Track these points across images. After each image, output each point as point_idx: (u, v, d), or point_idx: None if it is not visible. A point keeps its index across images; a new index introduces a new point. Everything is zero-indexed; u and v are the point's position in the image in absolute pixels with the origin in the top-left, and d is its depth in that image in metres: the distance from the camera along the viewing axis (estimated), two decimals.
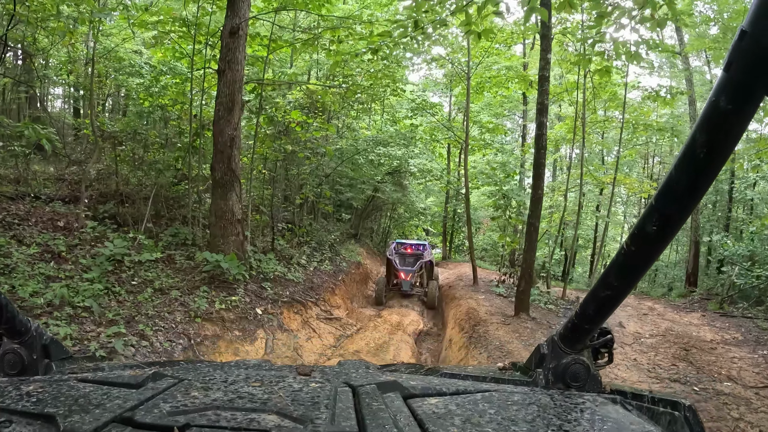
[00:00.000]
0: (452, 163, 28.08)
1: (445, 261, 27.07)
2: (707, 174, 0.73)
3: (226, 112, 10.06)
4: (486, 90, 20.23)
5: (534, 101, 13.73)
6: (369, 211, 24.29)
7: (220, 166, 10.08)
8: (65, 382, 1.15)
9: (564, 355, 1.20)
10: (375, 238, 27.84)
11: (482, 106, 24.51)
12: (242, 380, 1.15)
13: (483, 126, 23.00)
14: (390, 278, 17.07)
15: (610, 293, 0.99)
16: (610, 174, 17.98)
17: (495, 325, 10.36)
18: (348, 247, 19.32)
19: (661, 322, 12.51)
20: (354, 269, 16.95)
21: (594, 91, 17.25)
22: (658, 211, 0.79)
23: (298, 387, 1.10)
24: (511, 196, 15.76)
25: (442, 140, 22.96)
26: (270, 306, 9.45)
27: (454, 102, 26.42)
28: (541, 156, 10.45)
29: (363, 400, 1.01)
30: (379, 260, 23.92)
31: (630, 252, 0.87)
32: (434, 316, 16.17)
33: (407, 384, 1.13)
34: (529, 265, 10.76)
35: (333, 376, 1.25)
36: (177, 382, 1.14)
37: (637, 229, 0.85)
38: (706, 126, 0.68)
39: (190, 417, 0.90)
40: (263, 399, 1.01)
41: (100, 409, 0.94)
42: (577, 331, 1.15)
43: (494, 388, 1.16)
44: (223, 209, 10.09)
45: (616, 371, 8.78)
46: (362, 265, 18.67)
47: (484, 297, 13.79)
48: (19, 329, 1.28)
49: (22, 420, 0.94)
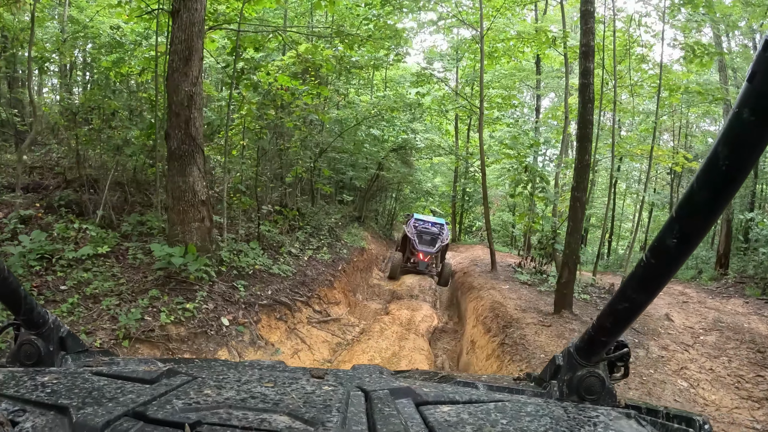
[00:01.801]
0: (461, 141, 25.26)
1: (455, 244, 24.37)
2: (729, 188, 0.67)
3: (181, 63, 7.65)
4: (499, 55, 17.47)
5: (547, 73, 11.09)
6: (373, 191, 21.74)
7: (176, 133, 7.64)
8: (80, 375, 1.11)
9: (579, 367, 1.10)
10: (380, 220, 25.22)
11: (492, 77, 21.72)
12: (255, 380, 1.10)
13: (492, 100, 20.28)
14: (405, 254, 16.11)
15: (628, 306, 0.90)
16: (646, 144, 15.33)
17: (532, 326, 7.83)
18: (351, 231, 16.78)
19: (705, 311, 10.60)
20: (357, 256, 14.40)
21: (627, 48, 14.58)
22: (679, 224, 0.74)
23: (311, 389, 1.04)
24: (534, 169, 13.09)
25: (450, 110, 20.12)
26: (243, 313, 6.96)
27: (461, 75, 23.52)
28: (588, 111, 7.88)
29: (375, 405, 0.95)
30: (385, 244, 21.36)
31: (649, 264, 0.80)
32: (449, 306, 13.74)
33: (420, 391, 1.08)
34: (573, 250, 8.21)
35: (346, 379, 1.21)
36: (191, 379, 1.09)
37: (657, 242, 0.78)
38: (729, 139, 0.63)
39: (202, 414, 0.85)
40: (275, 400, 0.96)
41: (113, 403, 0.90)
42: (594, 344, 1.06)
43: (508, 398, 1.09)
44: (182, 188, 7.63)
45: (701, 391, 6.56)
46: (366, 250, 16.10)
47: (509, 287, 11.25)
48: (37, 321, 1.24)
49: (36, 410, 0.91)
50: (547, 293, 10.79)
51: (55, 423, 0.88)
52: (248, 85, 10.16)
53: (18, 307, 1.18)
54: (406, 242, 16.13)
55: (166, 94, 8.02)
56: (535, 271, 13.10)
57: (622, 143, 15.31)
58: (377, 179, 20.82)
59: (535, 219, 13.71)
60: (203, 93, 8.06)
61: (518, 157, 12.96)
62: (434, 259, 16.07)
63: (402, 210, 25.95)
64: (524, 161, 13.02)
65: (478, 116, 14.95)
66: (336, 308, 10.11)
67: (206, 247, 7.80)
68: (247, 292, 7.55)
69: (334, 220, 15.30)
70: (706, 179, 0.68)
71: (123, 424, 0.82)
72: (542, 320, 8.10)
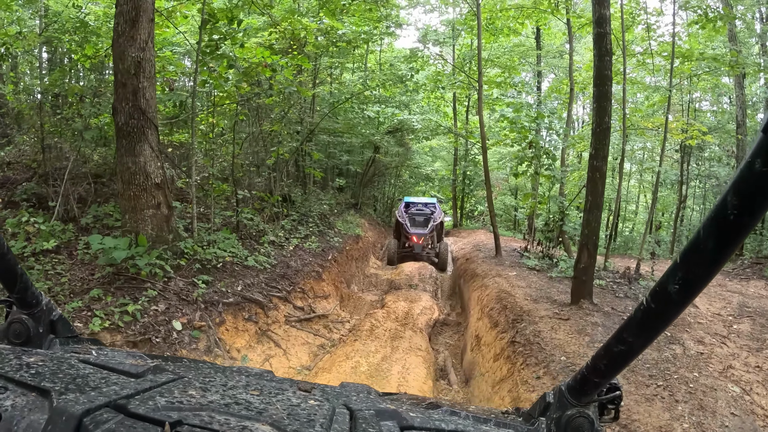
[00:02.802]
0: (459, 123, 23.80)
1: (457, 229, 23.02)
2: (736, 238, 0.63)
3: (127, 26, 6.47)
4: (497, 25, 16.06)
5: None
6: (370, 176, 20.40)
7: (124, 106, 6.40)
8: (66, 360, 1.06)
9: (569, 406, 1.02)
10: (379, 207, 23.86)
11: (491, 54, 20.25)
12: (242, 386, 1.04)
13: (491, 80, 18.87)
14: (400, 240, 15.50)
15: (624, 349, 0.84)
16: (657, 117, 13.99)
17: (547, 320, 6.56)
18: (346, 218, 15.52)
19: (728, 295, 9.56)
20: (351, 244, 13.10)
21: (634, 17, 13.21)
22: (683, 271, 0.69)
23: (296, 402, 0.99)
24: (538, 144, 11.69)
25: (447, 88, 18.65)
26: (201, 315, 5.66)
27: (458, 54, 22.00)
28: (606, 65, 6.58)
29: (359, 425, 0.91)
30: (384, 232, 20.04)
31: (649, 309, 0.76)
32: (451, 296, 12.46)
33: (406, 415, 1.01)
34: (593, 230, 6.92)
35: (333, 396, 1.16)
36: (176, 378, 1.03)
37: (658, 286, 0.72)
38: (740, 188, 0.60)
39: (184, 414, 0.81)
40: (259, 408, 0.91)
41: (96, 392, 0.86)
42: (586, 384, 0.98)
43: (494, 431, 1.07)
44: (132, 170, 6.40)
45: (756, 398, 5.58)
46: (362, 238, 14.82)
47: (516, 273, 9.96)
48: (30, 301, 1.21)
49: (18, 389, 0.88)
50: (558, 280, 9.53)
51: (35, 405, 0.85)
52: (218, 56, 8.81)
53: (13, 285, 1.15)
54: (400, 227, 15.44)
55: (112, 63, 6.75)
56: (542, 256, 11.79)
57: (630, 117, 13.92)
58: (373, 163, 19.51)
59: (541, 199, 12.36)
60: (154, 59, 6.72)
61: (522, 131, 11.57)
62: (430, 240, 15.35)
63: (402, 195, 24.54)
64: (528, 136, 11.64)
65: (476, 92, 13.63)
66: (324, 303, 8.84)
67: (163, 238, 6.54)
68: (210, 288, 6.27)
69: (326, 207, 14.01)
70: (713, 228, 0.63)
71: (103, 415, 0.78)
72: (558, 312, 6.81)
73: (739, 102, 16.26)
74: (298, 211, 12.34)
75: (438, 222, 15.44)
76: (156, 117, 6.67)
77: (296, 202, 12.78)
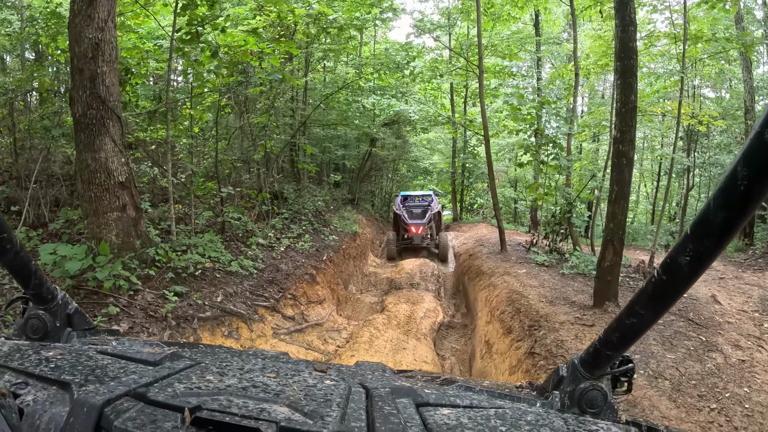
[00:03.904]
0: (458, 115, 22.86)
1: (457, 223, 22.10)
2: (746, 209, 0.61)
3: (84, 3, 5.58)
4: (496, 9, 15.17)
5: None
6: (366, 171, 19.51)
7: (81, 95, 5.53)
8: (84, 352, 1.07)
9: (582, 379, 1.02)
10: (376, 202, 22.96)
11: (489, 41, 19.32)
12: (258, 370, 1.04)
13: (489, 69, 17.98)
14: (399, 233, 15.36)
15: (636, 321, 0.83)
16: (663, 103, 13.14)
17: (569, 326, 5.73)
18: (343, 215, 14.65)
19: (747, 288, 9.01)
20: (348, 242, 12.23)
21: None
22: (693, 243, 0.67)
23: (313, 383, 0.99)
24: (544, 132, 10.81)
25: (445, 76, 17.72)
26: (170, 333, 4.79)
27: (454, 45, 21.02)
28: (630, 36, 5.74)
29: (375, 403, 0.91)
30: (382, 228, 19.18)
31: (660, 281, 0.74)
32: (455, 294, 11.62)
33: (422, 392, 1.02)
34: (620, 223, 6.07)
35: (348, 375, 1.17)
36: (194, 364, 1.05)
37: (669, 259, 0.71)
38: (749, 159, 0.58)
39: (203, 400, 0.82)
40: (276, 390, 0.91)
41: (116, 382, 0.88)
42: (599, 357, 0.97)
43: (509, 405, 1.03)
44: (92, 167, 5.53)
45: None
46: (360, 235, 13.92)
47: (525, 271, 9.12)
48: (45, 296, 1.20)
49: (38, 384, 0.90)
50: (571, 277, 8.71)
51: (56, 398, 0.86)
52: (197, 44, 7.90)
53: (28, 281, 1.15)
54: (398, 220, 15.35)
55: (69, 47, 5.86)
56: (550, 250, 10.94)
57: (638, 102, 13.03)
58: (370, 157, 18.64)
59: (547, 190, 11.49)
60: (115, 41, 5.82)
61: (527, 118, 10.68)
62: (429, 231, 15.17)
63: (400, 190, 23.66)
64: (534, 123, 10.75)
65: (474, 81, 12.77)
66: (318, 308, 7.98)
67: (130, 244, 5.67)
68: (184, 301, 5.39)
69: (321, 203, 13.13)
70: (723, 199, 0.62)
71: (123, 404, 0.80)
72: (580, 317, 5.95)
73: (747, 86, 15.47)
74: (290, 208, 11.47)
75: (435, 212, 15.41)
76: (119, 106, 5.77)
77: (289, 200, 11.92)
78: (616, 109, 5.94)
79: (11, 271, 1.10)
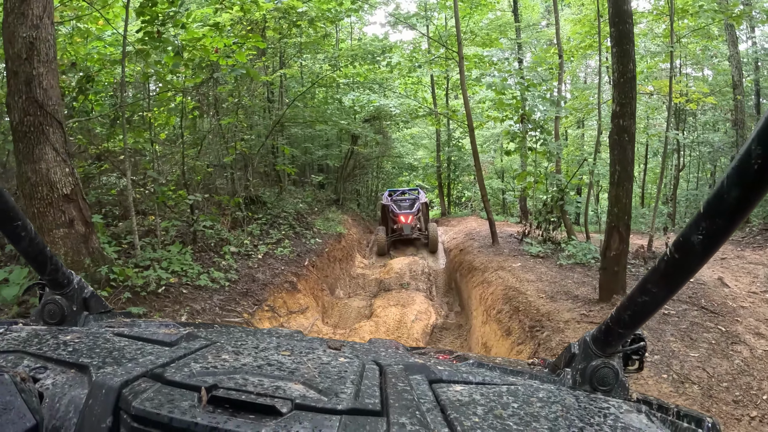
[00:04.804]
0: (440, 108, 22.19)
1: (446, 217, 21.43)
2: (759, 188, 0.61)
3: (17, 0, 4.82)
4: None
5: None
6: (350, 170, 18.83)
7: (17, 100, 4.90)
8: (101, 335, 1.09)
9: (594, 357, 1.02)
10: (362, 201, 22.29)
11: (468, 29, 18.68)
12: (273, 348, 1.05)
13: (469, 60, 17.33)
14: (388, 226, 15.09)
15: (648, 299, 0.83)
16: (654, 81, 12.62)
17: (574, 325, 5.12)
18: (327, 216, 13.98)
19: (751, 268, 8.50)
20: (333, 245, 11.55)
21: None
22: (706, 221, 0.67)
23: (327, 360, 0.99)
24: (530, 115, 10.18)
25: (424, 67, 17.04)
26: None
27: (432, 35, 20.32)
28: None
29: (389, 380, 0.92)
30: (369, 227, 18.51)
31: (672, 260, 0.74)
32: (447, 292, 10.99)
33: (435, 368, 1.02)
34: (624, 208, 5.46)
35: (362, 352, 1.17)
36: (209, 344, 1.06)
37: (682, 237, 0.72)
38: (764, 138, 0.58)
39: (219, 379, 0.82)
40: (291, 368, 0.91)
41: (133, 363, 0.88)
42: (610, 335, 0.98)
43: (521, 382, 1.02)
44: (33, 180, 4.91)
45: None
46: (345, 236, 13.24)
47: (520, 264, 8.52)
48: (62, 281, 1.22)
49: (57, 368, 0.91)
50: (569, 267, 8.12)
51: (75, 381, 0.87)
52: (154, 40, 7.19)
53: (44, 267, 1.17)
54: (386, 213, 15.21)
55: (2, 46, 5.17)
56: (543, 240, 10.34)
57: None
58: (352, 155, 17.98)
59: (537, 178, 10.89)
60: (53, 39, 5.13)
61: (512, 103, 10.06)
62: (418, 222, 14.95)
63: (386, 187, 23.03)
64: (519, 108, 10.13)
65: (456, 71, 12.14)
66: (300, 319, 7.31)
67: (80, 263, 4.97)
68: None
69: (303, 206, 12.45)
70: (736, 177, 0.62)
71: (141, 384, 0.80)
72: (586, 314, 5.34)
73: (734, 61, 14.98)
74: (270, 213, 10.79)
75: (423, 202, 15.36)
76: (59, 111, 5.08)
77: (268, 204, 11.23)
78: (613, 80, 5.33)
79: (27, 258, 1.10)
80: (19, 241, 1.03)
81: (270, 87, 13.22)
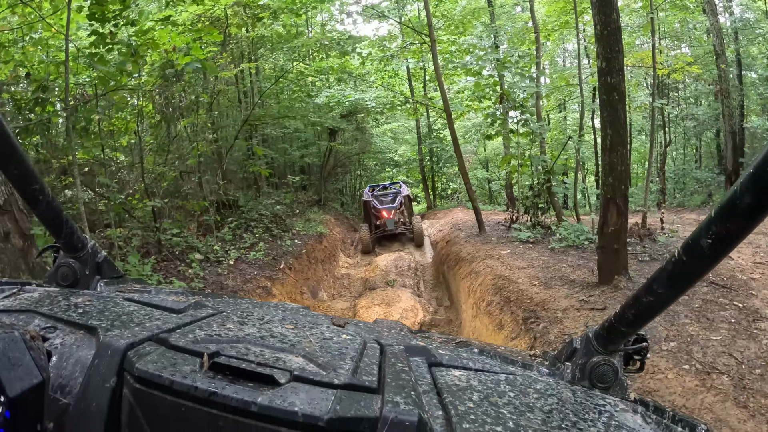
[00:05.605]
0: (417, 97, 21.58)
1: (431, 211, 20.83)
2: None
3: None
4: None
5: None
6: (330, 169, 18.22)
7: None
8: (112, 299, 1.10)
9: (595, 353, 0.99)
10: (345, 200, 21.68)
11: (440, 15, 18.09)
12: (278, 321, 1.03)
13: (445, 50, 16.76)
14: (371, 222, 14.64)
15: (653, 300, 0.81)
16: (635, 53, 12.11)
17: (573, 313, 4.53)
18: (309, 216, 13.41)
19: (752, 237, 7.77)
20: (313, 246, 10.90)
21: None
22: (716, 225, 0.65)
23: (329, 336, 0.97)
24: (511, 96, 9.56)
25: (397, 56, 16.38)
26: None
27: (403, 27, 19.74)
28: None
29: (389, 360, 0.89)
30: (353, 226, 17.86)
31: (680, 262, 0.72)
32: (435, 286, 10.39)
33: (435, 352, 1.00)
34: (620, 177, 4.87)
35: (365, 331, 1.15)
36: (216, 313, 1.05)
37: (691, 239, 0.69)
38: None
39: (221, 346, 0.81)
40: (293, 341, 0.90)
41: (140, 327, 0.89)
42: (613, 333, 0.95)
43: (520, 372, 1.02)
44: None
45: None
46: (327, 236, 12.59)
47: (509, 251, 7.93)
48: (76, 245, 1.22)
49: (66, 328, 0.92)
50: (562, 251, 7.56)
51: (83, 342, 0.88)
52: (104, 36, 6.48)
53: (59, 230, 1.17)
54: (368, 209, 14.82)
55: None
56: (532, 225, 9.77)
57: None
58: (332, 154, 17.34)
59: (522, 161, 10.29)
60: None
61: (490, 83, 9.46)
62: (401, 216, 14.72)
63: (368, 184, 22.45)
64: (497, 87, 9.53)
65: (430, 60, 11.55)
66: None
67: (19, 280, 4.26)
68: None
69: (280, 208, 11.78)
70: (751, 184, 0.60)
71: (146, 348, 0.80)
72: (586, 300, 4.74)
73: (715, 30, 14.51)
74: (245, 216, 10.11)
75: (405, 195, 15.05)
76: None
77: (243, 207, 10.56)
78: (596, 34, 4.74)
79: (43, 221, 1.12)
80: (36, 204, 1.05)
81: (241, 87, 12.57)
